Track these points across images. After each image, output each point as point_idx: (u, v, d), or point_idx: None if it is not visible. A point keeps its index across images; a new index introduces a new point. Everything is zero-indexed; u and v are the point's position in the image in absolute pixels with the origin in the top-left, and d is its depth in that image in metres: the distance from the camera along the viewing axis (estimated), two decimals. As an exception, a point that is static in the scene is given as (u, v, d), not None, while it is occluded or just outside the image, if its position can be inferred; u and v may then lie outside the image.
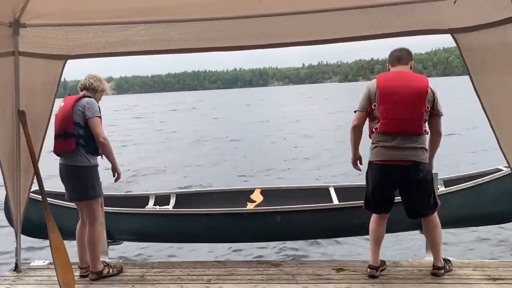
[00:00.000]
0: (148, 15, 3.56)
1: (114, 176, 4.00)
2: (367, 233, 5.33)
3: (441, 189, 4.84)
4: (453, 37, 3.54)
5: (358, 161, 3.88)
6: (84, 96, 3.93)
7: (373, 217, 3.86)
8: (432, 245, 3.81)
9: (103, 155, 3.95)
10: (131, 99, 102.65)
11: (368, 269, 3.82)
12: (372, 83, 3.63)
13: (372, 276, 3.78)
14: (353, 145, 3.82)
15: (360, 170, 3.92)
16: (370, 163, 3.72)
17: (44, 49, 3.72)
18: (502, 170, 4.51)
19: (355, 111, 3.68)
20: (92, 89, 4.01)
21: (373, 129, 3.64)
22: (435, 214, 3.71)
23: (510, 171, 3.67)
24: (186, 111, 45.73)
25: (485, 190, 4.30)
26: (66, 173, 3.93)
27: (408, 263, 4.16)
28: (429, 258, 4.19)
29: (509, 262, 4.00)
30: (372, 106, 3.58)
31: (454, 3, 3.28)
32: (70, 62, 3.92)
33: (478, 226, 5.01)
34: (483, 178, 4.48)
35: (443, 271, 3.75)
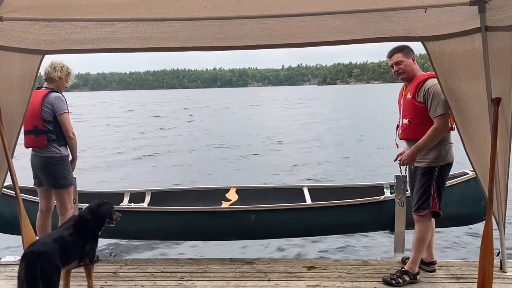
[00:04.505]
0: (128, 13, 3.54)
1: (71, 165, 4.22)
2: (338, 232, 5.45)
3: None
4: (423, 44, 3.64)
5: None
6: (50, 91, 4.06)
7: (430, 221, 3.77)
8: None
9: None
10: (112, 96, 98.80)
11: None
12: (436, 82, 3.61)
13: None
14: None
15: None
16: (449, 164, 3.70)
17: (21, 44, 3.67)
18: (468, 173, 4.70)
19: (442, 114, 3.55)
20: (50, 79, 4.16)
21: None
22: (418, 217, 3.76)
23: (475, 175, 3.81)
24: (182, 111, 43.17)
25: (452, 192, 4.45)
26: (38, 163, 4.07)
27: (377, 262, 4.29)
28: (397, 258, 4.34)
29: (471, 262, 4.16)
30: None
31: (425, 12, 3.40)
32: (46, 56, 3.88)
33: (443, 227, 5.19)
34: (450, 181, 4.64)
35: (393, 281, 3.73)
